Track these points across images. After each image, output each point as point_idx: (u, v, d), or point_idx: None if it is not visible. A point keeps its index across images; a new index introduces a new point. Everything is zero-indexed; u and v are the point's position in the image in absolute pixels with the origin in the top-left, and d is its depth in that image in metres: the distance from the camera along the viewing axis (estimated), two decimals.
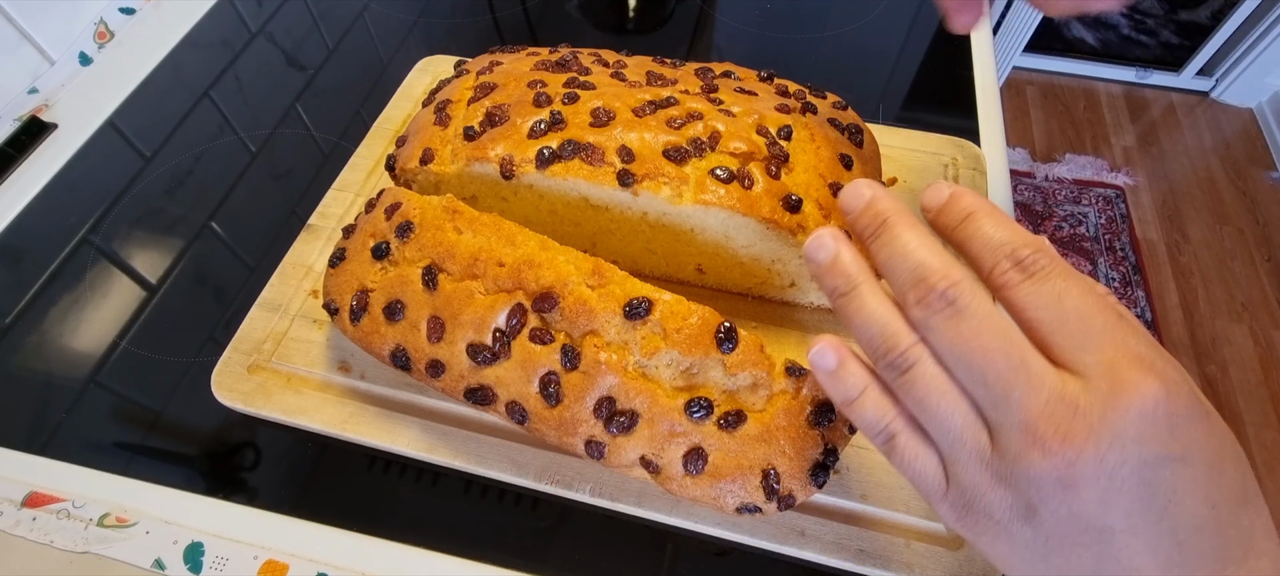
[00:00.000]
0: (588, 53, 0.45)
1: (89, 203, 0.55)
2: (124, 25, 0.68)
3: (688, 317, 0.32)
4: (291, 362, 0.43)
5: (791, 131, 0.40)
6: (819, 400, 0.33)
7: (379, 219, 0.38)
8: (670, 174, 0.36)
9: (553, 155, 0.37)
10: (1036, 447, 0.21)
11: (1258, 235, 1.65)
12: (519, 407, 0.33)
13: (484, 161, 0.38)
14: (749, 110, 0.40)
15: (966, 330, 0.22)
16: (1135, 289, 1.57)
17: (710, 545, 0.39)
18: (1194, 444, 0.21)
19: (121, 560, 0.38)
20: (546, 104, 0.39)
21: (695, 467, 0.32)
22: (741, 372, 0.32)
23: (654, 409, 0.32)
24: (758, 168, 0.37)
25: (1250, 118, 1.90)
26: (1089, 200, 1.73)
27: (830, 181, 0.39)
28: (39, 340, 0.47)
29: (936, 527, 0.38)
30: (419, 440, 0.40)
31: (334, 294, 0.38)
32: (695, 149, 0.37)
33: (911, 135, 0.55)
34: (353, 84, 0.64)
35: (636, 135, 0.37)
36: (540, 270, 0.33)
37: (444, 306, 0.34)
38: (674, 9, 0.74)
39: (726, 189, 0.36)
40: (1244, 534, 0.22)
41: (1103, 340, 0.21)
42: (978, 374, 0.22)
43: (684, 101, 0.39)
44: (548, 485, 0.39)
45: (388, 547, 0.38)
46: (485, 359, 0.33)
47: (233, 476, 0.41)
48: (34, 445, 0.42)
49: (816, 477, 0.32)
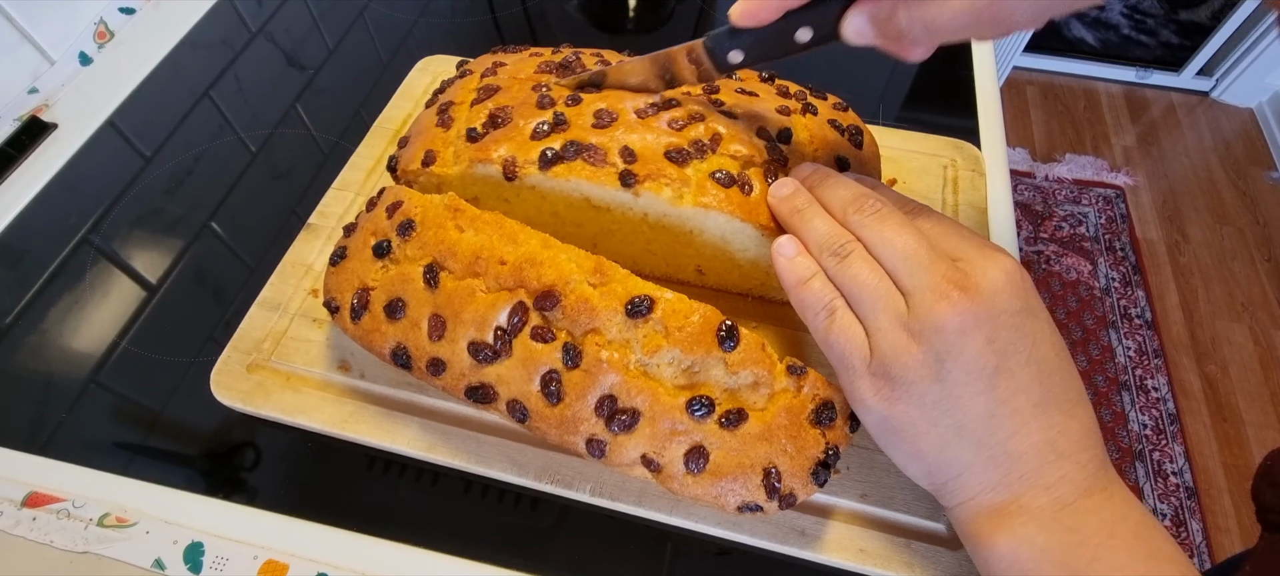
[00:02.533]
0: (590, 53, 0.45)
1: (89, 203, 0.55)
2: (124, 25, 0.68)
3: (689, 316, 0.32)
4: (291, 361, 0.43)
5: (791, 134, 0.40)
6: (821, 399, 0.33)
7: (380, 217, 0.38)
8: (672, 175, 0.36)
9: (555, 156, 0.37)
10: (942, 300, 0.28)
11: (1258, 235, 1.65)
12: (520, 406, 0.33)
13: (487, 163, 0.38)
14: (750, 113, 0.40)
15: (889, 226, 0.31)
16: (1135, 289, 1.57)
17: (710, 545, 0.39)
18: (1038, 303, 0.30)
19: (121, 560, 0.38)
20: (550, 105, 0.39)
21: (696, 466, 0.32)
22: (743, 371, 0.32)
23: (655, 407, 0.32)
24: (757, 173, 0.37)
25: (1250, 118, 1.90)
26: (1089, 200, 1.73)
27: None
28: (39, 340, 0.47)
29: (936, 527, 0.38)
30: (419, 439, 0.40)
31: (335, 292, 0.38)
32: (696, 151, 0.37)
33: (911, 136, 0.55)
34: (353, 84, 0.64)
35: (638, 136, 0.37)
36: (542, 268, 0.33)
37: (445, 304, 0.34)
38: (674, 9, 0.74)
39: (726, 193, 0.36)
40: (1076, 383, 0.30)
41: (961, 246, 0.30)
42: (898, 252, 0.30)
43: (686, 103, 0.39)
44: (548, 484, 0.39)
45: (388, 547, 0.38)
46: (486, 357, 0.33)
47: (233, 476, 0.41)
48: (34, 445, 0.42)
49: (818, 476, 0.32)
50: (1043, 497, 0.28)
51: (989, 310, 0.28)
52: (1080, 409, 0.29)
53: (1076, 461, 0.29)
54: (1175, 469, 1.31)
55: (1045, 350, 0.29)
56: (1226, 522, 1.25)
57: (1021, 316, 0.28)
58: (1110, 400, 1.41)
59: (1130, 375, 1.44)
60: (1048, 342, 0.29)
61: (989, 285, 0.28)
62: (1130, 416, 1.38)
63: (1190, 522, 1.25)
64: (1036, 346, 0.29)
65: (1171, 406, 1.39)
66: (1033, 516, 0.28)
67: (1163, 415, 1.38)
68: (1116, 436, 1.36)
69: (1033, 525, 0.28)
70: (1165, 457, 1.33)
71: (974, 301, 0.28)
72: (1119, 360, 1.46)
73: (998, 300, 0.28)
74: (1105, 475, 0.29)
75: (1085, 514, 0.28)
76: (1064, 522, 0.28)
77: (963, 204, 0.51)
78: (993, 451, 0.29)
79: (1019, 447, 0.29)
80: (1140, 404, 1.40)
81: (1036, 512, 0.28)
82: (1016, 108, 1.94)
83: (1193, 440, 1.35)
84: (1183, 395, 1.41)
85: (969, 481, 0.30)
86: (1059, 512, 0.28)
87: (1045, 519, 0.28)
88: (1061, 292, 1.57)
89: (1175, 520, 1.26)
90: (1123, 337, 1.49)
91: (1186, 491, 1.29)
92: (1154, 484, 1.30)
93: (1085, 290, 1.57)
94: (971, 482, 0.30)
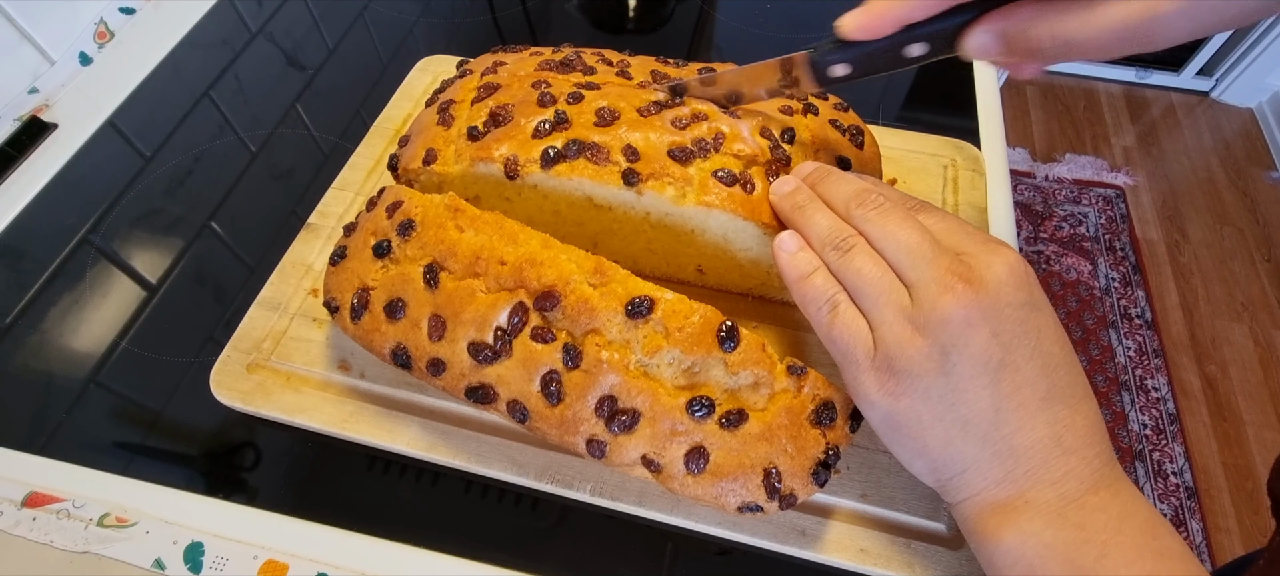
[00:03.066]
0: (591, 52, 0.45)
1: (89, 203, 0.55)
2: (124, 25, 0.68)
3: (690, 316, 0.32)
4: (291, 361, 0.43)
5: (794, 134, 0.40)
6: (821, 399, 0.33)
7: (380, 217, 0.38)
8: (675, 174, 0.36)
9: (558, 155, 0.37)
10: (947, 293, 0.28)
11: (1258, 235, 1.65)
12: (520, 406, 0.33)
13: (488, 161, 0.38)
14: (753, 111, 0.40)
15: (892, 220, 0.31)
16: (1135, 289, 1.57)
17: (711, 544, 0.39)
18: (1043, 297, 0.29)
19: (121, 560, 0.37)
20: (551, 104, 0.39)
21: (697, 466, 0.32)
22: (743, 371, 0.32)
23: (655, 408, 0.32)
24: (759, 172, 0.37)
25: (1250, 118, 1.90)
26: (1089, 200, 1.73)
27: None
28: (39, 340, 0.47)
29: (937, 527, 0.38)
30: (419, 439, 0.40)
31: (335, 292, 0.38)
32: (699, 149, 0.37)
33: (911, 136, 0.55)
34: (353, 84, 0.64)
35: (641, 135, 0.37)
36: (542, 268, 0.33)
37: (445, 305, 0.34)
38: (674, 9, 0.74)
39: (728, 192, 0.36)
40: (1080, 378, 0.29)
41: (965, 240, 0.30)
42: (902, 246, 0.30)
43: (688, 101, 0.39)
44: (548, 484, 0.39)
45: (388, 547, 0.38)
46: (486, 357, 0.33)
47: (233, 476, 0.41)
48: (34, 445, 0.42)
49: (818, 477, 0.32)
50: (1049, 493, 0.28)
51: (994, 303, 0.28)
52: (1086, 404, 0.29)
53: (1082, 457, 0.28)
54: (1175, 469, 1.31)
55: (1050, 344, 0.29)
56: (1226, 522, 1.25)
57: (1026, 310, 0.28)
58: (1110, 400, 1.41)
59: (1130, 375, 1.44)
60: (1052, 337, 0.29)
61: (994, 278, 0.28)
62: (1130, 416, 1.38)
63: (1190, 522, 1.25)
64: (1041, 340, 0.28)
65: (1171, 406, 1.39)
66: (1039, 512, 0.28)
67: (1163, 415, 1.38)
68: (1116, 436, 1.36)
69: (1040, 521, 0.28)
70: (1165, 457, 1.33)
71: (979, 294, 0.28)
72: (1119, 360, 1.46)
73: (1003, 293, 0.28)
74: (1112, 471, 0.29)
75: (1092, 510, 0.28)
76: (1070, 519, 0.28)
77: (963, 204, 0.51)
78: (998, 446, 0.28)
79: (1024, 442, 0.28)
80: (1140, 404, 1.40)
81: (1043, 508, 0.28)
82: (1016, 107, 1.94)
83: (1193, 440, 1.35)
84: (1183, 395, 1.41)
85: (974, 477, 0.29)
86: (1065, 508, 0.28)
87: (1052, 515, 0.28)
88: (1061, 293, 1.57)
89: (1175, 520, 1.26)
90: (1123, 337, 1.49)
91: (1186, 491, 1.29)
92: (1154, 484, 1.30)
93: (1085, 290, 1.57)
94: (976, 478, 0.29)
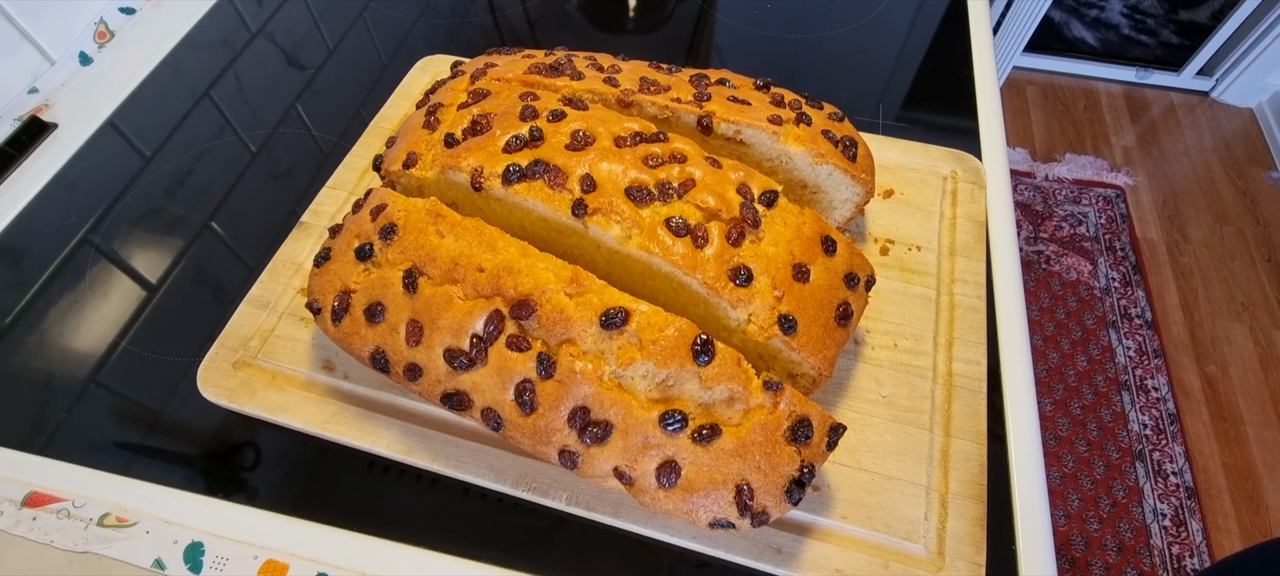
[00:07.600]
0: (583, 56, 0.45)
1: (89, 203, 0.55)
2: (124, 25, 0.68)
3: (664, 329, 0.32)
4: (277, 360, 0.43)
5: (776, 197, 0.38)
6: (797, 416, 0.32)
7: (365, 220, 0.38)
8: (624, 213, 0.35)
9: (520, 173, 0.36)
10: None
11: (1258, 235, 1.65)
12: (494, 414, 0.33)
13: (457, 170, 0.38)
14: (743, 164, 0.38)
15: None
16: (1135, 289, 1.57)
17: (696, 555, 0.38)
18: None
19: (121, 560, 0.38)
20: (532, 117, 0.39)
21: (668, 481, 0.31)
22: (718, 386, 0.32)
23: (628, 420, 0.32)
24: (719, 228, 0.35)
25: (1250, 118, 1.90)
26: (1089, 200, 1.72)
27: (798, 261, 0.37)
28: (39, 340, 0.47)
29: (915, 549, 0.37)
30: (398, 442, 0.40)
31: (317, 293, 0.38)
32: (660, 193, 0.36)
33: (911, 147, 0.55)
34: (353, 84, 0.64)
35: (607, 165, 0.36)
36: (519, 277, 0.33)
37: (423, 310, 0.34)
38: (674, 9, 0.74)
39: (676, 242, 0.35)
40: None
41: None
42: None
43: (673, 140, 0.38)
44: (525, 492, 0.38)
45: (388, 547, 0.38)
46: (462, 364, 0.33)
47: (232, 476, 0.41)
48: (34, 445, 0.42)
49: (791, 495, 0.32)
50: None
51: None
52: None
53: None
54: (1175, 469, 1.31)
55: None
56: (1226, 523, 1.25)
57: None
58: (1110, 400, 1.41)
59: (1130, 375, 1.44)
60: None
61: None
62: (1130, 416, 1.38)
63: (1190, 522, 1.25)
64: None
65: (1171, 406, 1.39)
66: None
67: (1163, 415, 1.38)
68: (1116, 436, 1.36)
69: None
70: (1165, 457, 1.33)
71: None
72: (1119, 360, 1.46)
73: None
74: None
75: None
76: None
77: (961, 216, 0.50)
78: None
79: None
80: (1140, 404, 1.40)
81: None
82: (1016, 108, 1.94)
83: (1193, 440, 1.35)
84: (1183, 395, 1.41)
85: None
86: None
87: None
88: (1061, 293, 1.57)
89: (1175, 520, 1.26)
90: (1123, 337, 1.49)
91: (1186, 491, 1.29)
92: (1154, 484, 1.30)
93: (1085, 290, 1.57)
94: None
